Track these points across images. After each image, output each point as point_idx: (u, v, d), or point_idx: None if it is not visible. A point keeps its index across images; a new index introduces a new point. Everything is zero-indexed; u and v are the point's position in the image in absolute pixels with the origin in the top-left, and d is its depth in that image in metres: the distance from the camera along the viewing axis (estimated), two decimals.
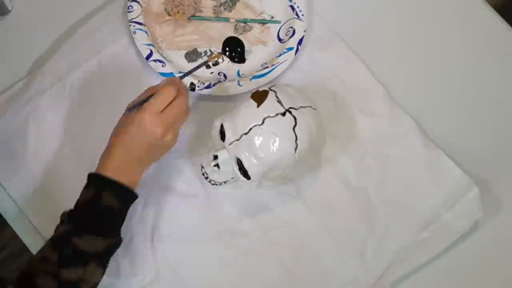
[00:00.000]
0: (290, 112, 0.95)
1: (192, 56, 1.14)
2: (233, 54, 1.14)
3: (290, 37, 1.13)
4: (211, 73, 1.13)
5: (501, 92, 1.15)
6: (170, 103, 0.92)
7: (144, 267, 1.01)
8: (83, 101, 1.10)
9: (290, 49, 1.13)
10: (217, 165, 0.97)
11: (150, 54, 1.11)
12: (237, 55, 1.14)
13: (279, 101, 0.95)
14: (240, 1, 1.18)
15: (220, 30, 1.16)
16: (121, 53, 1.13)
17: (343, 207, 1.05)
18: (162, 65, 1.10)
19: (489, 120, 1.13)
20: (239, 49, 1.15)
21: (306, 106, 0.97)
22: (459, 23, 1.19)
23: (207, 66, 1.13)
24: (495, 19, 1.19)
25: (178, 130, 0.95)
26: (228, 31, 1.16)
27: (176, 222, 1.03)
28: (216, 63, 1.14)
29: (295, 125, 0.94)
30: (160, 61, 1.11)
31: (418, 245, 1.02)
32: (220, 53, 1.02)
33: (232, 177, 0.99)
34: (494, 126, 1.12)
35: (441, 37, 1.18)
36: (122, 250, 0.98)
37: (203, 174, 1.02)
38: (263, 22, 1.17)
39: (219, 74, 1.13)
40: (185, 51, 1.14)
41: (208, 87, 1.10)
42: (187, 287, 1.01)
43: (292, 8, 1.16)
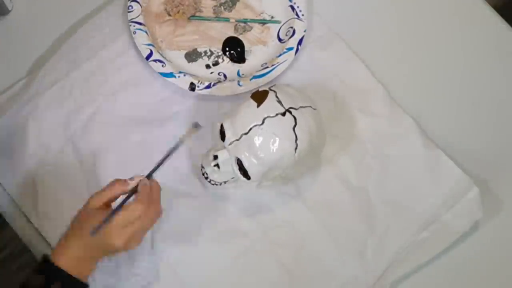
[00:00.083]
0: (290, 112, 0.95)
1: (192, 56, 1.14)
2: (233, 54, 1.14)
3: (290, 37, 1.13)
4: (211, 73, 1.13)
5: (501, 92, 1.15)
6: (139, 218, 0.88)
7: (144, 267, 1.01)
8: (83, 101, 1.10)
9: (290, 49, 1.13)
10: (217, 165, 0.97)
11: (150, 54, 1.11)
12: (237, 55, 1.14)
13: (279, 101, 0.95)
14: (240, 1, 1.18)
15: (220, 30, 1.16)
16: (121, 53, 1.13)
17: (343, 207, 1.05)
18: (162, 65, 1.10)
19: (489, 120, 1.13)
20: (239, 49, 1.15)
21: (306, 106, 0.97)
22: (459, 23, 1.19)
23: (207, 66, 1.13)
24: (495, 19, 1.19)
25: (145, 234, 0.91)
26: (228, 31, 1.16)
27: (176, 222, 1.03)
28: (216, 63, 1.14)
29: (295, 125, 0.94)
30: (160, 61, 1.11)
31: (418, 245, 1.02)
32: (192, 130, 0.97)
33: (232, 177, 0.99)
34: (494, 126, 1.12)
35: (441, 37, 1.18)
36: None
37: (203, 174, 1.02)
38: (263, 22, 1.17)
39: (219, 74, 1.13)
40: (185, 51, 1.14)
41: (208, 87, 1.10)
42: (187, 287, 1.01)
43: (292, 8, 1.16)
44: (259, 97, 0.95)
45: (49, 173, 1.06)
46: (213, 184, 1.02)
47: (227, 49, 1.15)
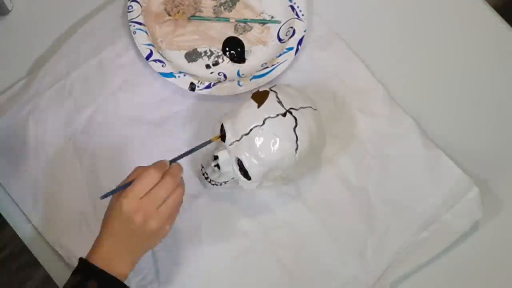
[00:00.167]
0: (291, 113, 0.95)
1: (192, 56, 1.14)
2: (233, 54, 1.14)
3: (290, 37, 1.13)
4: (211, 73, 1.13)
5: (501, 92, 1.15)
6: (154, 187, 0.86)
7: (144, 267, 1.01)
8: (83, 101, 1.10)
9: (290, 49, 1.13)
10: (218, 166, 0.97)
11: (150, 54, 1.11)
12: (237, 55, 1.14)
13: (280, 102, 0.95)
14: (240, 1, 1.18)
15: (220, 30, 1.16)
16: (121, 53, 1.13)
17: (343, 207, 1.05)
18: (162, 65, 1.10)
19: (489, 120, 1.13)
20: (239, 49, 1.15)
21: (307, 107, 0.97)
22: (459, 23, 1.19)
23: (207, 66, 1.13)
24: (495, 19, 1.19)
25: (166, 216, 0.88)
26: (228, 31, 1.16)
27: (176, 223, 1.02)
28: (216, 63, 1.14)
29: (296, 126, 0.94)
30: (160, 61, 1.11)
31: (418, 245, 1.02)
32: (219, 136, 0.97)
33: (233, 178, 0.99)
34: (494, 126, 1.12)
35: (441, 37, 1.18)
36: None
37: (203, 174, 1.02)
38: (263, 22, 1.17)
39: (219, 74, 1.13)
40: (185, 51, 1.14)
41: (208, 87, 1.10)
42: (187, 287, 1.01)
43: (292, 8, 1.16)
44: (260, 98, 0.95)
45: (49, 173, 1.06)
46: (213, 184, 1.02)
47: (227, 49, 1.15)
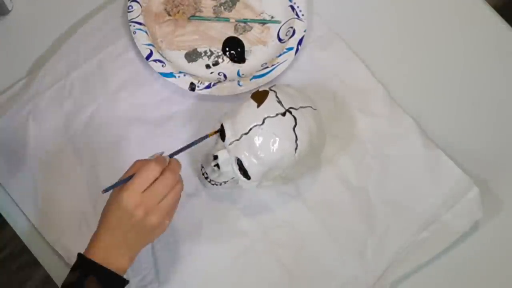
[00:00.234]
0: (290, 112, 0.95)
1: (192, 56, 1.14)
2: (233, 54, 1.14)
3: (290, 37, 1.13)
4: (211, 73, 1.13)
5: (501, 92, 1.15)
6: (155, 181, 0.86)
7: (144, 267, 1.01)
8: (83, 101, 1.10)
9: (290, 49, 1.13)
10: (217, 165, 0.97)
11: (150, 54, 1.11)
12: (237, 55, 1.14)
13: (279, 101, 0.95)
14: (240, 1, 1.18)
15: (220, 30, 1.16)
16: (121, 53, 1.14)
17: (343, 207, 1.05)
18: (162, 65, 1.10)
19: (489, 120, 1.13)
20: (239, 49, 1.15)
21: (306, 106, 0.97)
22: (459, 23, 1.19)
23: (207, 66, 1.14)
24: (495, 19, 1.19)
25: (166, 211, 0.88)
26: (228, 31, 1.16)
27: (176, 222, 1.03)
28: (216, 63, 1.14)
29: (295, 125, 0.94)
30: (160, 61, 1.11)
31: (418, 245, 1.02)
32: (217, 131, 0.96)
33: (232, 177, 0.99)
34: (494, 126, 1.12)
35: (441, 37, 1.18)
36: None
37: (203, 174, 1.02)
38: (263, 22, 1.17)
39: (219, 74, 1.13)
40: (185, 51, 1.14)
41: (208, 87, 1.10)
42: (187, 287, 1.01)
43: (292, 8, 1.16)
44: (259, 97, 0.95)
45: (49, 173, 1.06)
46: (213, 184, 1.02)
47: (227, 49, 1.15)
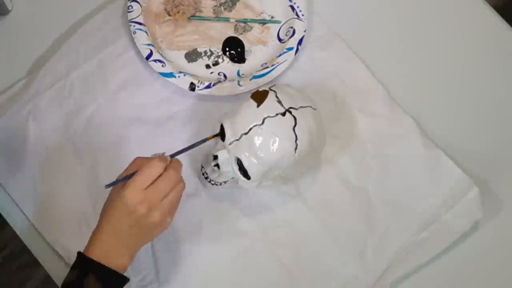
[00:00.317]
0: (290, 112, 0.95)
1: (192, 56, 1.14)
2: (233, 54, 1.14)
3: (290, 37, 1.13)
4: (211, 73, 1.13)
5: (501, 92, 1.15)
6: (157, 179, 0.86)
7: (144, 267, 1.01)
8: (83, 101, 1.10)
9: (290, 49, 1.13)
10: (217, 165, 0.97)
11: (150, 54, 1.11)
12: (237, 55, 1.14)
13: (279, 101, 0.95)
14: (240, 1, 1.18)
15: (220, 30, 1.16)
16: (121, 53, 1.14)
17: (343, 207, 1.05)
18: (162, 65, 1.10)
19: (489, 120, 1.13)
20: (239, 49, 1.15)
21: (306, 106, 0.97)
22: (459, 23, 1.19)
23: (207, 66, 1.13)
24: (495, 19, 1.19)
25: (168, 208, 0.88)
26: (228, 31, 1.16)
27: (176, 222, 1.03)
28: (216, 63, 1.14)
29: (295, 125, 0.94)
30: (160, 61, 1.11)
31: (418, 245, 1.02)
32: (216, 135, 0.96)
33: (232, 177, 0.99)
34: (494, 126, 1.12)
35: (441, 37, 1.18)
36: None
37: (203, 174, 1.02)
38: (263, 22, 1.17)
39: (219, 74, 1.13)
40: (185, 51, 1.14)
41: (208, 87, 1.10)
42: (187, 287, 1.01)
43: (292, 8, 1.16)
44: (259, 97, 0.95)
45: (49, 173, 1.06)
46: (213, 184, 1.02)
47: (227, 49, 1.15)
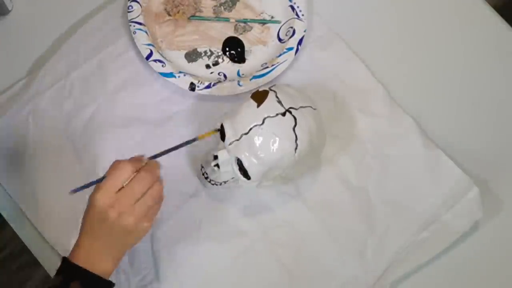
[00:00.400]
0: (290, 112, 0.95)
1: (192, 56, 1.14)
2: (233, 54, 1.14)
3: (290, 37, 1.14)
4: (211, 73, 1.13)
5: (501, 92, 1.15)
6: (129, 182, 0.84)
7: (144, 267, 1.01)
8: (83, 101, 1.10)
9: (290, 49, 1.13)
10: (217, 165, 0.97)
11: (150, 54, 1.11)
12: (237, 55, 1.14)
13: (279, 101, 0.95)
14: (240, 1, 1.18)
15: (220, 30, 1.16)
16: (121, 53, 1.14)
17: (343, 207, 1.05)
18: (162, 65, 1.10)
19: (489, 120, 1.13)
20: (239, 49, 1.15)
21: (306, 106, 0.97)
22: (459, 23, 1.19)
23: (207, 66, 1.14)
24: (495, 19, 1.19)
25: (143, 212, 0.84)
26: (228, 31, 1.16)
27: (176, 222, 1.03)
28: (216, 63, 1.14)
29: (295, 125, 0.94)
30: (160, 61, 1.11)
31: (418, 245, 1.02)
32: (216, 130, 0.95)
33: (232, 177, 0.99)
34: (494, 126, 1.12)
35: (441, 37, 1.18)
36: None
37: (203, 174, 1.02)
38: (263, 22, 1.17)
39: (219, 74, 1.13)
40: (185, 51, 1.14)
41: (208, 87, 1.10)
42: (187, 287, 1.01)
43: (292, 8, 1.16)
44: (259, 97, 0.95)
45: (49, 173, 1.06)
46: (213, 184, 1.02)
47: (227, 49, 1.15)
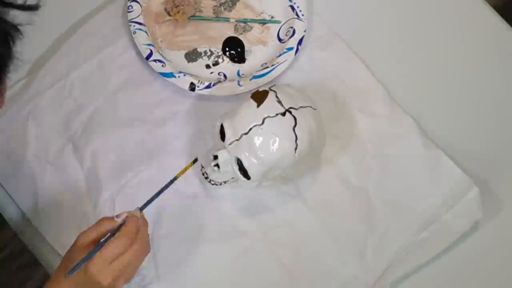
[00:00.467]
0: (290, 112, 0.95)
1: (192, 56, 1.14)
2: (233, 54, 1.14)
3: (290, 37, 1.13)
4: (211, 73, 1.13)
5: (501, 92, 1.14)
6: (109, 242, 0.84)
7: (144, 267, 1.01)
8: (83, 101, 1.10)
9: (290, 49, 1.12)
10: (217, 165, 0.97)
11: (150, 54, 1.11)
12: (237, 55, 1.14)
13: (279, 101, 0.95)
14: (240, 1, 1.18)
15: (220, 30, 1.16)
16: (121, 53, 1.13)
17: (343, 207, 1.05)
18: (162, 65, 1.10)
19: (489, 120, 1.12)
20: (239, 49, 1.15)
21: (306, 106, 0.97)
22: (459, 23, 1.19)
23: (207, 66, 1.13)
24: (495, 19, 1.19)
25: (118, 271, 0.85)
26: (228, 31, 1.16)
27: (176, 222, 1.03)
28: (216, 63, 1.14)
29: (295, 125, 0.94)
30: (160, 61, 1.10)
31: (418, 245, 1.02)
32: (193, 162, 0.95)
33: (232, 177, 0.99)
34: (494, 126, 1.12)
35: (441, 37, 1.18)
36: None
37: (203, 174, 1.02)
38: (263, 22, 1.17)
39: (219, 74, 1.13)
40: (185, 51, 1.14)
41: (208, 87, 1.10)
42: (187, 287, 1.01)
43: (292, 8, 1.16)
44: (259, 97, 0.95)
45: (49, 173, 1.06)
46: (213, 184, 1.02)
47: (227, 49, 1.15)
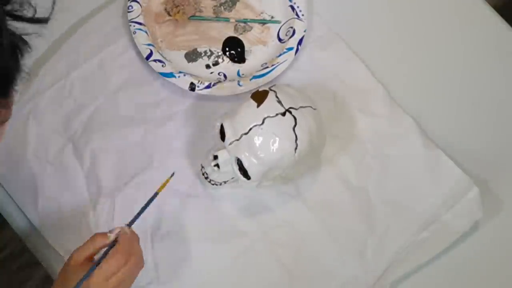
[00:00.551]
0: (290, 112, 0.95)
1: (192, 56, 1.14)
2: (233, 54, 1.14)
3: (290, 37, 1.13)
4: (211, 73, 1.13)
5: (501, 92, 1.14)
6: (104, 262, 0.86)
7: (144, 267, 1.00)
8: (83, 101, 1.10)
9: (290, 49, 1.12)
10: (217, 165, 0.97)
11: (150, 54, 1.11)
12: (237, 55, 1.14)
13: (279, 101, 0.95)
14: (240, 1, 1.18)
15: (220, 30, 1.16)
16: (121, 53, 1.13)
17: (343, 207, 1.05)
18: (162, 65, 1.10)
19: (489, 120, 1.12)
20: (239, 49, 1.15)
21: (306, 106, 0.97)
22: (459, 23, 1.19)
23: (207, 66, 1.13)
24: (495, 19, 1.19)
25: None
26: (228, 31, 1.16)
27: (176, 222, 1.03)
28: (216, 63, 1.14)
29: (295, 125, 0.94)
30: (160, 61, 1.11)
31: (418, 245, 1.02)
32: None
33: (232, 177, 0.99)
34: (494, 126, 1.12)
35: (441, 37, 1.18)
36: None
37: (203, 174, 1.02)
38: (263, 22, 1.17)
39: (219, 74, 1.13)
40: (185, 51, 1.14)
41: (208, 87, 1.10)
42: (187, 287, 1.01)
43: (292, 8, 1.16)
44: (259, 97, 0.95)
45: (49, 173, 1.06)
46: (213, 184, 1.02)
47: (227, 49, 1.15)
